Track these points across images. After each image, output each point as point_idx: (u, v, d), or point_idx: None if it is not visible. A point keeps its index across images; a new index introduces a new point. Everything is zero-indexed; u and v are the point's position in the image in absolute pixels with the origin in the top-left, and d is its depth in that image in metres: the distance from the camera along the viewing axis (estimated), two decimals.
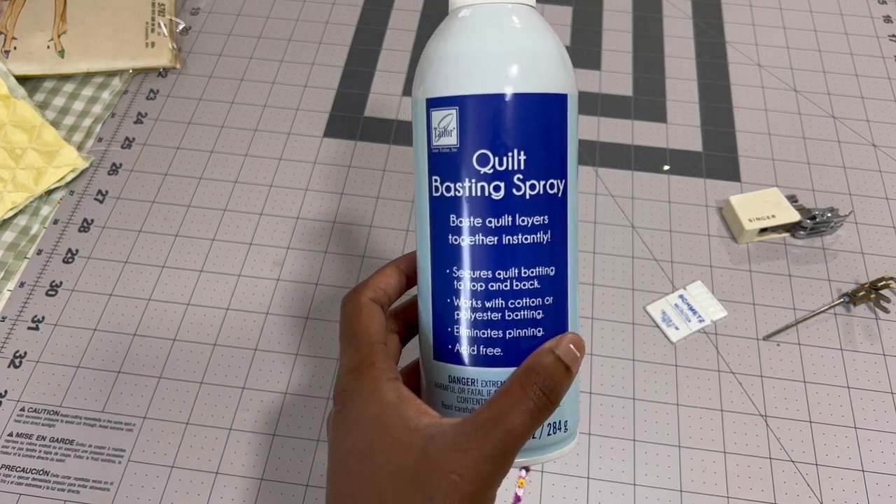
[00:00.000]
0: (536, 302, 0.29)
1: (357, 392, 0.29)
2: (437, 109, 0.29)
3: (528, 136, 0.28)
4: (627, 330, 0.51)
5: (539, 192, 0.29)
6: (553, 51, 0.29)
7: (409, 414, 0.28)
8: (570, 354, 0.28)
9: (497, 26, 0.29)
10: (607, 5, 0.70)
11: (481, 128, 0.28)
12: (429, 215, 0.30)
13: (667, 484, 0.45)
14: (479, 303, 0.29)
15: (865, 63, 0.66)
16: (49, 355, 0.49)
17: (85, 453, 0.46)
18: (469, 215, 0.29)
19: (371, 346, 0.30)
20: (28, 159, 0.57)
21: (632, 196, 0.57)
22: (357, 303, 0.31)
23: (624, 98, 0.63)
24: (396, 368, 0.30)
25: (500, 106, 0.28)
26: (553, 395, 0.27)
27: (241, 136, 0.61)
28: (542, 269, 0.29)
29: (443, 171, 0.29)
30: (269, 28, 0.68)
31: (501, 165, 0.28)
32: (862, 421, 0.47)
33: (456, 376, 0.30)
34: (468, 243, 0.29)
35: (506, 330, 0.29)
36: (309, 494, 0.44)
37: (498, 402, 0.27)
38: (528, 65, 0.28)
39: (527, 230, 0.29)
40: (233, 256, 0.54)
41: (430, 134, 0.29)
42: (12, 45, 0.63)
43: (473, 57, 0.29)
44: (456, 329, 0.30)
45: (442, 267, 0.30)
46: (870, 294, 0.52)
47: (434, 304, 0.30)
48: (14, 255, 0.54)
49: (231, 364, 0.49)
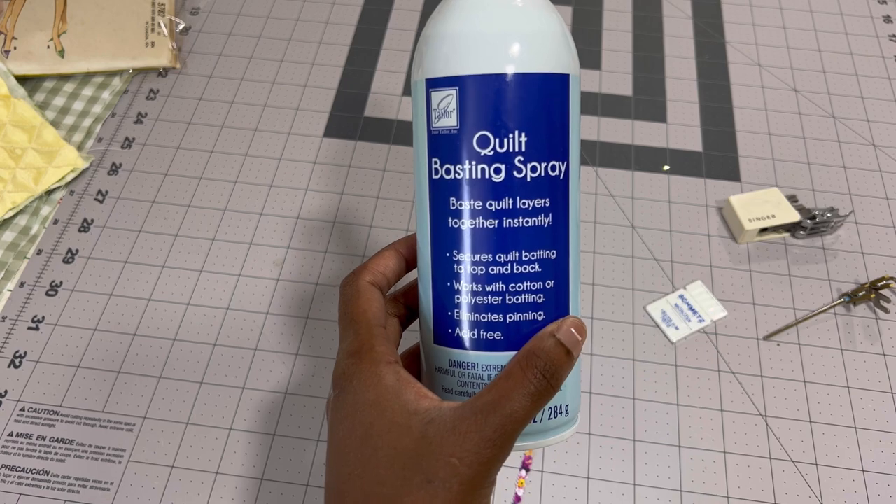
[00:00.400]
0: (537, 286, 0.29)
1: (356, 375, 0.29)
2: (436, 90, 0.28)
3: (529, 118, 0.28)
4: (627, 330, 0.51)
5: (540, 175, 0.28)
6: (555, 30, 0.29)
7: (408, 397, 0.27)
8: (572, 338, 0.28)
9: (498, 5, 0.28)
10: (607, 5, 0.70)
11: (482, 109, 0.28)
12: (428, 198, 0.30)
13: (667, 484, 0.45)
14: (480, 286, 0.29)
15: (865, 63, 0.66)
16: (49, 355, 0.49)
17: (85, 453, 0.46)
18: (469, 198, 0.28)
19: (370, 329, 0.30)
20: (28, 159, 0.57)
21: (632, 196, 0.57)
22: (356, 286, 0.31)
23: (624, 98, 0.63)
24: (396, 352, 0.30)
25: (501, 86, 0.27)
26: (554, 379, 0.27)
27: (241, 136, 0.61)
28: (543, 252, 0.29)
29: (442, 153, 0.29)
30: (269, 28, 0.68)
31: (502, 147, 0.28)
32: (862, 421, 0.47)
33: (456, 360, 0.30)
34: (468, 226, 0.29)
35: (506, 314, 0.29)
36: (309, 494, 0.44)
37: (498, 385, 0.27)
38: (529, 44, 0.28)
39: (528, 213, 0.28)
40: (233, 256, 0.54)
41: (429, 115, 0.29)
42: (12, 45, 0.63)
43: (473, 36, 0.28)
44: (456, 313, 0.29)
45: (442, 250, 0.29)
46: (870, 294, 0.52)
47: (434, 288, 0.30)
48: (14, 255, 0.54)
49: (231, 364, 0.49)
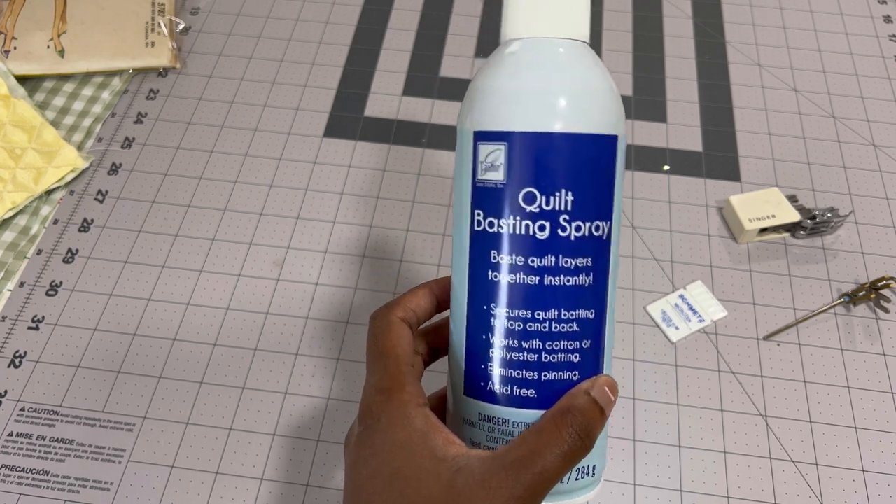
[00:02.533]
0: (574, 345, 0.28)
1: (385, 414, 0.28)
2: (485, 143, 0.28)
3: (576, 177, 0.28)
4: (627, 330, 0.51)
5: (584, 234, 0.28)
6: (605, 90, 0.29)
7: (437, 443, 0.27)
8: (605, 397, 0.28)
9: (550, 63, 0.28)
10: (607, 5, 0.70)
11: (530, 165, 0.27)
12: (468, 249, 0.29)
13: (667, 484, 0.45)
14: (516, 342, 0.28)
15: (865, 63, 0.66)
16: (49, 355, 0.49)
17: (85, 453, 0.46)
18: (511, 253, 0.28)
19: (400, 366, 0.29)
20: (28, 159, 0.57)
21: (632, 196, 0.57)
22: (387, 319, 0.31)
23: (624, 98, 0.63)
24: (424, 394, 0.30)
25: (550, 145, 0.27)
26: (588, 438, 0.27)
27: (241, 136, 0.61)
28: (582, 311, 0.28)
29: (487, 206, 0.28)
30: (269, 28, 0.68)
31: (548, 205, 0.28)
32: (862, 421, 0.47)
33: (487, 415, 0.29)
34: (509, 281, 0.28)
35: (542, 372, 0.28)
36: (309, 494, 0.44)
37: (529, 440, 0.26)
38: (579, 104, 0.28)
39: (570, 272, 0.28)
40: (233, 256, 0.54)
41: (475, 167, 0.29)
42: (12, 45, 0.63)
43: (526, 93, 0.28)
44: (490, 367, 0.29)
45: (479, 302, 0.29)
46: (870, 294, 0.52)
47: (468, 340, 0.29)
48: (14, 255, 0.54)
49: (231, 364, 0.49)
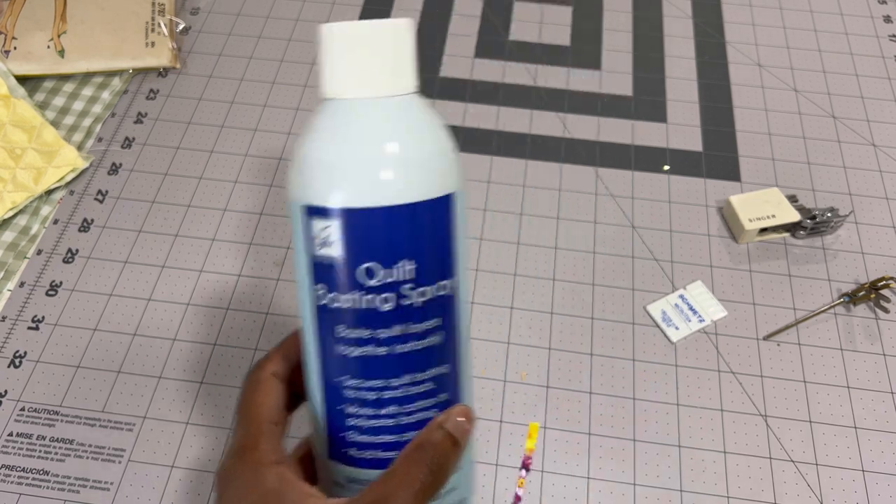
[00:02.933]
0: (432, 402, 0.28)
1: (238, 477, 0.27)
2: (316, 219, 0.27)
3: (415, 245, 0.26)
4: (627, 330, 0.51)
5: (430, 298, 0.27)
6: (435, 149, 0.27)
7: (292, 498, 0.26)
8: (460, 428, 0.27)
9: (375, 128, 0.27)
10: (607, 5, 0.70)
11: (365, 241, 0.26)
12: (314, 324, 0.28)
13: (667, 484, 0.45)
14: (373, 411, 0.28)
15: (865, 63, 0.66)
16: (49, 355, 0.49)
17: (85, 453, 0.46)
18: (357, 326, 0.27)
19: (259, 425, 0.28)
20: (28, 159, 0.57)
21: (632, 196, 0.57)
22: (256, 378, 0.30)
23: (624, 98, 0.63)
24: (283, 450, 0.29)
25: (384, 219, 0.26)
26: (441, 473, 0.27)
27: (241, 136, 0.61)
28: (436, 370, 0.28)
29: (327, 281, 0.27)
30: (269, 28, 0.68)
31: (390, 277, 0.26)
32: (862, 421, 0.47)
33: (354, 477, 0.29)
34: (358, 354, 0.27)
35: (402, 434, 0.28)
36: None
37: (383, 484, 0.26)
38: (409, 173, 0.26)
39: (419, 336, 0.27)
40: (233, 256, 0.54)
41: (310, 242, 0.27)
42: (12, 45, 0.62)
43: (352, 166, 0.26)
44: (350, 435, 0.28)
45: (331, 376, 0.28)
46: (870, 294, 0.52)
47: (327, 410, 0.29)
48: (14, 255, 0.54)
49: (231, 364, 0.49)
